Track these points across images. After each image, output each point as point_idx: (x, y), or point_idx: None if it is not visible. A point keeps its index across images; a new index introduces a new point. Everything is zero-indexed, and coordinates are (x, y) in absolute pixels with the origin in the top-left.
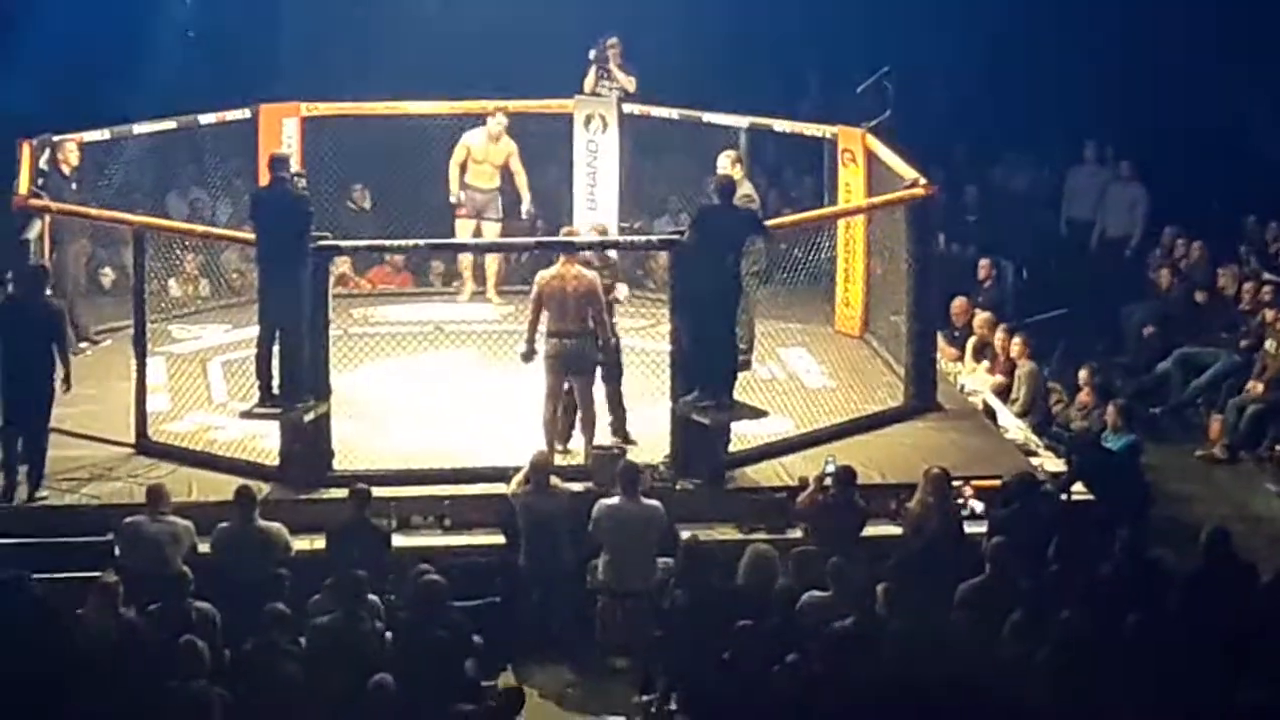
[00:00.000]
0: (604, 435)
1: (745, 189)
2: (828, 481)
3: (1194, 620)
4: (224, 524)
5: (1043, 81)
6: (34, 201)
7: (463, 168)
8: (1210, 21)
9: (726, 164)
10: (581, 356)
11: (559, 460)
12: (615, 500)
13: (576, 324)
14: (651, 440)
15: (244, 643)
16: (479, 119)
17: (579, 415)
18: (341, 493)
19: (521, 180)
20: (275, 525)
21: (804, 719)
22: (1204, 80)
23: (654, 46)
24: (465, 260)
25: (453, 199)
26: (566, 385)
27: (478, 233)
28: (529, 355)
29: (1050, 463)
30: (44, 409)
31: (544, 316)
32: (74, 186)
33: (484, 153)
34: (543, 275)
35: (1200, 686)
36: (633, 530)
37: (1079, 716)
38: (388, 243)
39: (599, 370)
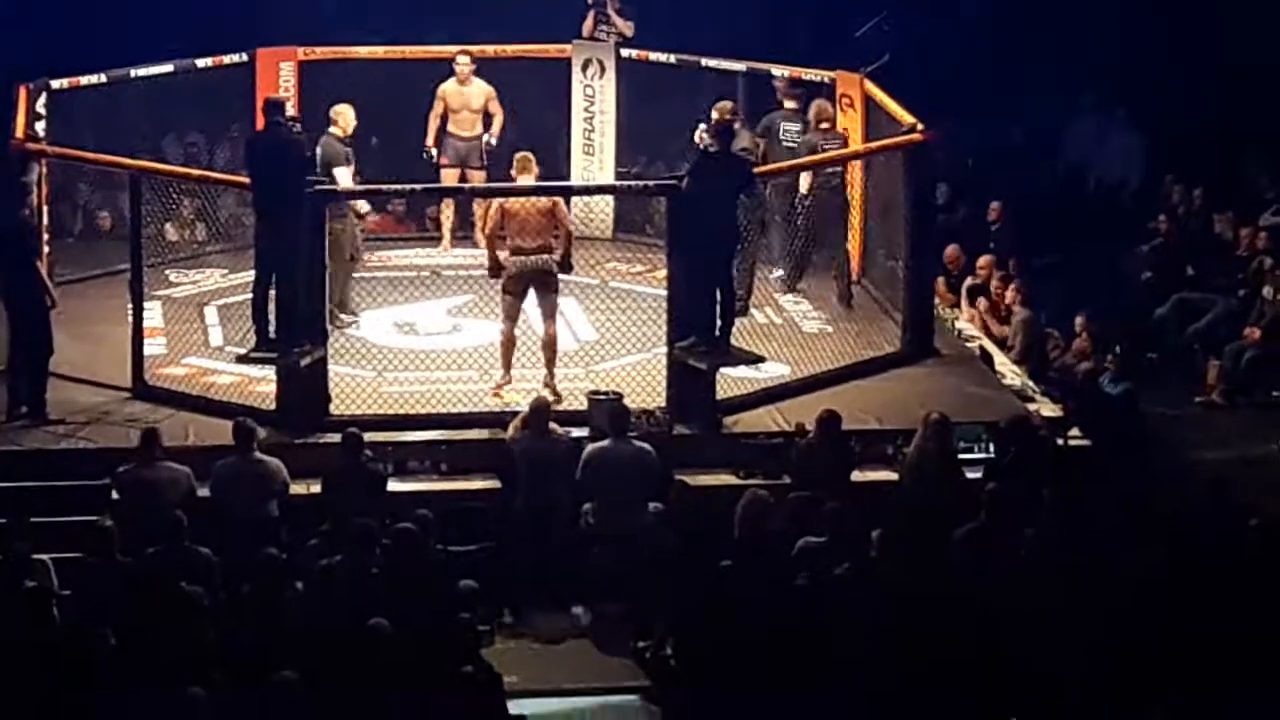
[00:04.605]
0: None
1: (743, 140)
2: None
3: (1189, 565)
4: (223, 460)
5: (1042, 27)
6: (30, 145)
7: (444, 118)
8: None
9: (722, 115)
10: (545, 272)
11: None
12: (605, 443)
13: (538, 241)
14: (648, 385)
15: (241, 586)
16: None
17: (541, 338)
18: (338, 437)
19: (497, 122)
20: (274, 460)
21: (799, 665)
22: (1207, 26)
23: None
24: (446, 211)
25: (425, 154)
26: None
27: (463, 180)
28: (495, 270)
29: (1047, 408)
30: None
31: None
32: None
33: (459, 100)
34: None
35: (1191, 630)
36: (621, 473)
37: (1070, 663)
38: (383, 187)
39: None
